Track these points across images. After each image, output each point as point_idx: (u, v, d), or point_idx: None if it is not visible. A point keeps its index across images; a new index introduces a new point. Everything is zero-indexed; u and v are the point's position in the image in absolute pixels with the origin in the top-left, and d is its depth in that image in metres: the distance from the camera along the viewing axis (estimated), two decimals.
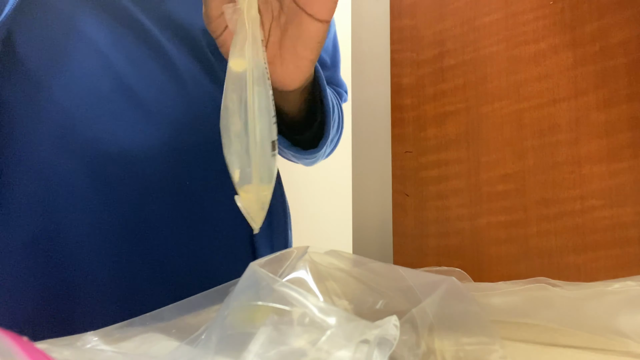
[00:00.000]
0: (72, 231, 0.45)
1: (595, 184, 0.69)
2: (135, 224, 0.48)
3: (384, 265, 0.35)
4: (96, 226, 0.46)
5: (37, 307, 0.44)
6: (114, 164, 0.47)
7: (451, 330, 0.30)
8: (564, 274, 0.70)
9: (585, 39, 0.71)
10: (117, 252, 0.47)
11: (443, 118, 0.86)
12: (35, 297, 0.44)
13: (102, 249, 0.46)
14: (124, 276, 0.47)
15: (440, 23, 0.88)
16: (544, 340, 0.38)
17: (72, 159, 0.46)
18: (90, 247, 0.46)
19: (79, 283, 0.46)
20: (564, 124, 0.72)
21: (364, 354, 0.23)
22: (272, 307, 0.26)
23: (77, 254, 0.46)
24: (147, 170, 0.48)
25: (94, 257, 0.46)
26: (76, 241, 0.46)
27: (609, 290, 0.38)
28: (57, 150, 0.45)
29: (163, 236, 0.49)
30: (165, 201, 0.49)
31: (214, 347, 0.26)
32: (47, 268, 0.45)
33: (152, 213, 0.49)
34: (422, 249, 0.87)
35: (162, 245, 0.49)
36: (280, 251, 0.35)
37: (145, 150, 0.48)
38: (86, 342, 0.30)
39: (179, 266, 0.50)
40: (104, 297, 0.46)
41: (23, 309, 0.44)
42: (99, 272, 0.46)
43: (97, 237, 0.46)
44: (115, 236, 0.47)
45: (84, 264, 0.46)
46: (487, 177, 0.79)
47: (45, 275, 0.45)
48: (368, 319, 0.26)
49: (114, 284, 0.47)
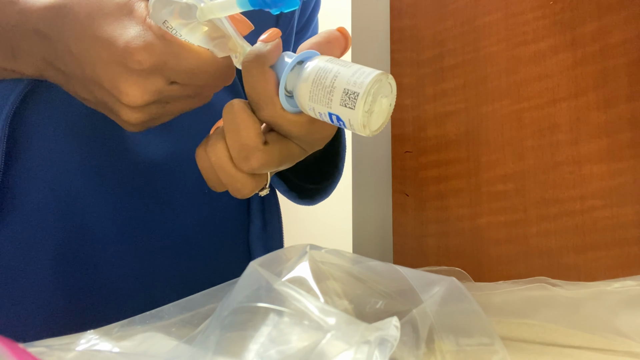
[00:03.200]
0: (98, 240, 0.47)
1: (595, 184, 0.69)
2: (157, 228, 0.50)
3: (384, 264, 0.35)
4: (120, 231, 0.48)
5: (65, 311, 0.46)
6: (140, 174, 0.48)
7: (451, 331, 0.30)
8: (564, 274, 0.70)
9: (585, 39, 0.71)
10: (141, 256, 0.49)
11: (443, 118, 0.86)
12: (63, 302, 0.46)
13: (125, 253, 0.48)
14: (147, 279, 0.49)
15: (440, 23, 0.88)
16: (544, 340, 0.38)
17: (97, 168, 0.47)
18: (114, 250, 0.48)
19: (104, 287, 0.47)
20: (564, 124, 0.72)
21: (364, 355, 0.23)
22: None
23: (103, 261, 0.47)
24: (170, 180, 0.50)
25: (118, 260, 0.48)
26: (101, 249, 0.47)
27: (608, 290, 0.38)
28: (83, 159, 0.47)
29: (180, 240, 0.51)
30: (184, 208, 0.51)
31: (213, 346, 0.26)
32: (73, 272, 0.46)
33: (172, 218, 0.51)
34: (422, 249, 0.87)
35: (180, 248, 0.51)
36: (281, 249, 0.35)
37: (169, 161, 0.50)
38: (87, 341, 0.30)
39: (190, 267, 0.52)
40: (129, 297, 0.48)
41: (50, 313, 0.46)
42: (123, 275, 0.48)
43: (121, 242, 0.48)
44: (139, 242, 0.49)
45: (110, 270, 0.47)
46: (487, 177, 0.79)
47: (72, 281, 0.46)
48: (369, 318, 0.26)
49: (138, 284, 0.49)
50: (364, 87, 0.33)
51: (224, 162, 0.37)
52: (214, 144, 0.38)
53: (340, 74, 0.34)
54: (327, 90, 0.34)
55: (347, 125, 0.35)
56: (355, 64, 0.35)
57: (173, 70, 0.35)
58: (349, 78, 0.34)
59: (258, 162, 0.37)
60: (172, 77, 0.36)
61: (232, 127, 0.37)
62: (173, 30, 0.36)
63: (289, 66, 0.36)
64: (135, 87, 0.35)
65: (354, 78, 0.33)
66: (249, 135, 0.36)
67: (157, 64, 0.34)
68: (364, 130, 0.34)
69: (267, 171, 0.39)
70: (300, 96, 0.36)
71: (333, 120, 0.35)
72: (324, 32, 0.38)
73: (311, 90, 0.35)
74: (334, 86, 0.34)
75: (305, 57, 0.37)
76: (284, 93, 0.36)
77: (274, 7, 0.35)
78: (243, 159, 0.37)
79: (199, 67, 0.35)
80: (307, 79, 0.35)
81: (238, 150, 0.36)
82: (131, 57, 0.34)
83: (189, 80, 0.36)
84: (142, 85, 0.35)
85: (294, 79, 0.36)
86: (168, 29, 0.36)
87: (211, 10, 0.35)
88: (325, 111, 0.35)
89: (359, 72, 0.34)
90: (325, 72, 0.35)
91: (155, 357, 0.29)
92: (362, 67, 0.34)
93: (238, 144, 0.36)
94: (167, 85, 0.36)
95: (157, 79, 0.35)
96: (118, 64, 0.34)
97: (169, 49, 0.34)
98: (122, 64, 0.34)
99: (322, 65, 0.35)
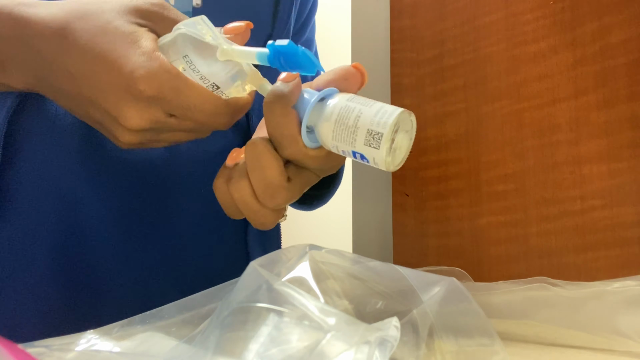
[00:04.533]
0: (94, 240, 0.47)
1: (595, 184, 0.69)
2: (155, 226, 0.50)
3: (384, 264, 0.35)
4: (118, 230, 0.48)
5: (61, 310, 0.46)
6: (137, 171, 0.49)
7: (451, 332, 0.30)
8: (564, 274, 0.70)
9: (585, 39, 0.71)
10: (137, 256, 0.49)
11: (443, 118, 0.86)
12: (60, 300, 0.46)
13: (123, 252, 0.49)
14: (143, 279, 0.50)
15: (440, 23, 0.88)
16: (544, 340, 0.38)
17: (95, 166, 0.48)
18: (112, 250, 0.48)
19: (102, 286, 0.48)
20: (564, 124, 0.72)
21: (364, 355, 0.23)
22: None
23: (100, 258, 0.48)
24: (168, 178, 0.51)
25: (116, 259, 0.48)
26: (98, 249, 0.48)
27: (609, 290, 0.38)
28: (79, 161, 0.47)
29: (178, 238, 0.51)
30: (181, 207, 0.52)
31: (213, 346, 0.26)
32: (71, 273, 0.47)
33: (169, 217, 0.51)
34: (422, 249, 0.87)
35: (178, 246, 0.52)
36: (281, 249, 0.35)
37: (165, 161, 0.50)
38: (86, 341, 0.30)
39: (187, 267, 0.52)
40: (126, 297, 0.48)
41: (49, 312, 0.46)
42: (121, 274, 0.48)
43: (119, 241, 0.48)
44: (136, 239, 0.49)
45: (107, 267, 0.48)
46: (487, 177, 0.79)
47: (68, 281, 0.46)
48: (369, 319, 0.26)
49: (135, 284, 0.49)
50: (387, 128, 0.34)
51: (248, 199, 0.39)
52: (237, 182, 0.39)
53: (363, 113, 0.35)
54: (351, 131, 0.35)
55: (371, 162, 0.36)
56: (376, 102, 0.36)
57: (171, 104, 0.36)
58: (372, 118, 0.34)
59: (284, 199, 0.38)
60: (171, 110, 0.36)
61: (256, 166, 0.38)
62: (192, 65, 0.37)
63: (311, 105, 0.37)
64: (135, 112, 0.36)
65: (377, 118, 0.34)
66: (274, 174, 0.37)
67: (157, 95, 0.35)
68: (387, 167, 0.35)
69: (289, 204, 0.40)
70: (323, 134, 0.37)
71: (356, 157, 0.36)
72: (340, 68, 0.39)
73: (334, 129, 0.36)
74: (357, 126, 0.35)
75: (326, 94, 0.37)
76: (305, 131, 0.37)
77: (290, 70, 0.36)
78: (269, 197, 0.38)
79: (196, 104, 0.36)
80: (330, 118, 0.36)
81: (263, 190, 0.38)
82: (135, 84, 0.35)
83: (185, 116, 0.37)
84: (141, 112, 0.36)
85: (315, 117, 0.37)
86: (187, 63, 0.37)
87: (232, 55, 0.37)
88: (349, 149, 0.36)
89: (382, 111, 0.34)
90: (347, 111, 0.35)
91: (155, 357, 0.28)
92: (383, 105, 0.35)
93: (263, 183, 0.38)
94: (165, 117, 0.37)
95: (155, 109, 0.36)
96: (122, 89, 0.35)
97: (171, 83, 0.35)
98: (126, 89, 0.35)
99: (344, 104, 0.36)
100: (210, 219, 0.54)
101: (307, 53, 0.35)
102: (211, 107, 0.37)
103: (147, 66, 0.35)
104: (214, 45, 0.37)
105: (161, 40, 0.38)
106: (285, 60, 0.36)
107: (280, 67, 0.36)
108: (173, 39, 0.37)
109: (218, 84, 0.38)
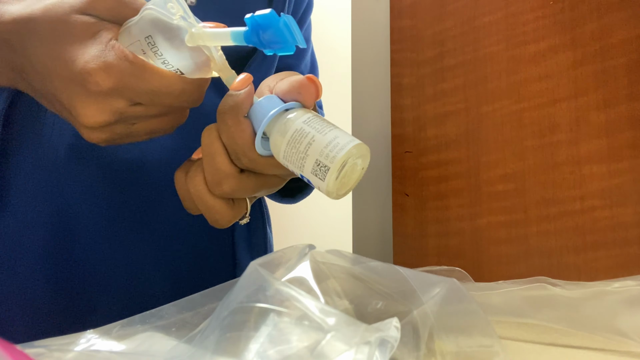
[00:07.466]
0: (86, 234, 0.47)
1: (595, 184, 0.69)
2: (146, 225, 0.50)
3: (384, 265, 0.35)
4: (109, 229, 0.48)
5: (54, 308, 0.46)
6: (128, 170, 0.49)
7: (452, 332, 0.30)
8: (564, 274, 0.70)
9: (585, 39, 0.71)
10: (129, 252, 0.49)
11: (443, 118, 0.86)
12: (50, 299, 0.46)
13: (114, 250, 0.48)
14: (135, 275, 0.49)
15: (440, 23, 0.88)
16: (544, 340, 0.38)
17: (87, 164, 0.47)
18: (102, 248, 0.48)
19: (92, 286, 0.47)
20: (564, 124, 0.72)
21: (364, 356, 0.23)
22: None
23: (90, 256, 0.48)
24: (158, 176, 0.50)
25: (107, 258, 0.48)
26: (89, 244, 0.47)
27: (609, 290, 0.38)
28: (73, 155, 0.47)
29: (168, 236, 0.51)
30: (172, 204, 0.51)
31: (212, 346, 0.26)
32: (61, 273, 0.46)
33: (160, 216, 0.51)
34: (422, 249, 0.87)
35: (168, 245, 0.52)
36: (282, 249, 0.35)
37: (158, 158, 0.50)
38: (86, 341, 0.30)
39: (180, 264, 0.52)
40: (117, 296, 0.48)
41: (39, 310, 0.46)
42: (112, 273, 0.48)
43: (109, 240, 0.48)
44: (127, 238, 0.49)
45: (97, 265, 0.48)
46: (487, 177, 0.79)
47: (61, 278, 0.46)
48: (369, 319, 0.26)
49: (125, 283, 0.49)
50: (335, 162, 0.33)
51: (202, 193, 0.38)
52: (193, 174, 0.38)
53: (315, 141, 0.34)
54: (301, 156, 0.35)
55: (316, 188, 0.36)
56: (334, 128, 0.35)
57: (134, 92, 0.35)
58: (322, 149, 0.34)
59: (230, 187, 0.37)
60: (134, 98, 0.35)
61: (208, 152, 0.37)
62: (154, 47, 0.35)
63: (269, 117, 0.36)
64: (92, 108, 0.34)
65: (327, 150, 0.34)
66: (223, 161, 0.37)
67: (116, 85, 0.34)
68: (330, 196, 0.35)
69: (241, 197, 0.39)
70: (275, 148, 0.36)
71: (304, 179, 0.36)
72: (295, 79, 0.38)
73: (285, 150, 0.35)
74: (307, 153, 0.34)
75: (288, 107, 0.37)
76: (260, 139, 0.36)
77: (267, 47, 0.34)
78: (216, 184, 0.37)
79: (161, 88, 0.35)
80: (284, 134, 0.35)
81: (212, 176, 0.37)
82: (89, 77, 0.33)
83: (151, 101, 0.36)
84: (100, 106, 0.34)
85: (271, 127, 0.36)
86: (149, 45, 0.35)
87: (202, 38, 0.35)
88: (297, 172, 0.36)
89: (333, 143, 0.34)
90: (301, 135, 0.35)
91: (155, 357, 0.28)
92: (337, 136, 0.34)
93: (213, 169, 0.37)
94: (129, 106, 0.35)
95: (117, 99, 0.35)
96: (76, 84, 0.34)
97: (130, 70, 0.34)
98: (80, 84, 0.34)
99: (299, 127, 0.35)
100: (199, 219, 0.54)
101: (288, 25, 0.33)
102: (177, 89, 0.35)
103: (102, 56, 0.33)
104: (183, 27, 0.35)
105: (127, 22, 0.36)
106: (264, 34, 0.34)
107: (259, 44, 0.34)
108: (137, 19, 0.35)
109: (182, 70, 0.36)
